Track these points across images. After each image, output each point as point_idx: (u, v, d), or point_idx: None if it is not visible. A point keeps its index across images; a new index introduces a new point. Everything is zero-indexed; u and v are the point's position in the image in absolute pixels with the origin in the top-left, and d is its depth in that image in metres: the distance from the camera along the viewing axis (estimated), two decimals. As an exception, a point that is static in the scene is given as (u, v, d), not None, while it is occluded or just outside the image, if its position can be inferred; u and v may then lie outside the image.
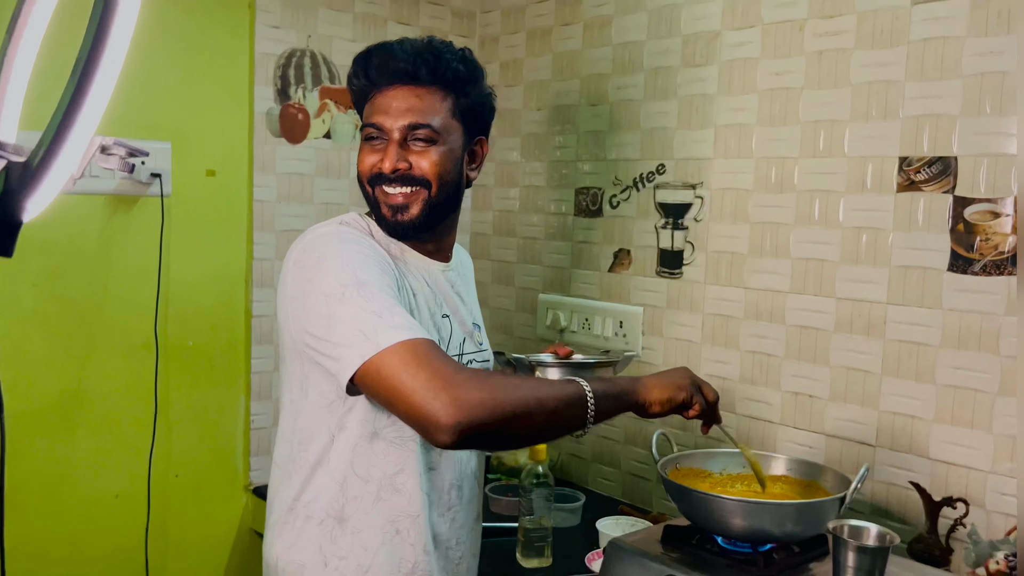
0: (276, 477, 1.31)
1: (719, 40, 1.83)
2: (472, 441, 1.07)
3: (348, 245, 1.20)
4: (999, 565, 1.45)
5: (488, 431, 1.07)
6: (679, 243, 1.92)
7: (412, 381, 1.04)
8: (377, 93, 1.26)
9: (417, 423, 1.06)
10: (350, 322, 1.10)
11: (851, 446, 1.64)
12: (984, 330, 1.46)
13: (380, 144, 1.26)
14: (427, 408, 1.03)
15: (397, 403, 1.07)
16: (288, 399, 1.27)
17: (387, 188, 1.26)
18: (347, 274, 1.14)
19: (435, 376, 1.04)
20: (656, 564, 1.37)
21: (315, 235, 1.23)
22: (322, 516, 1.23)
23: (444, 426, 1.02)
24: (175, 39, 1.89)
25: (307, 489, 1.24)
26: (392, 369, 1.05)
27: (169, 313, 1.92)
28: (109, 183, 1.80)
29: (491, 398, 1.06)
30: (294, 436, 1.25)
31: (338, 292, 1.12)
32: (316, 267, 1.17)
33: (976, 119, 1.46)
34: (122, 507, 1.89)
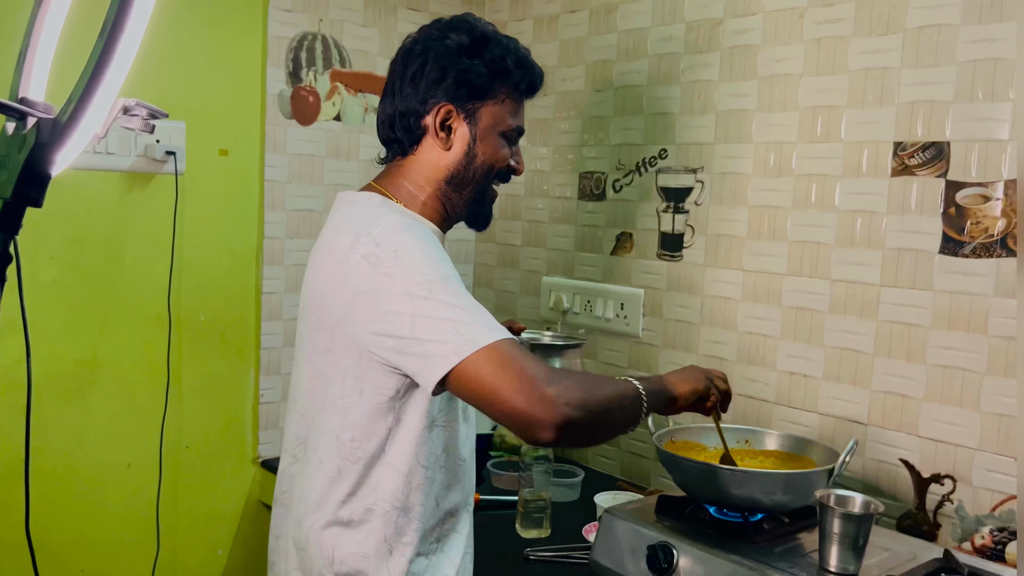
0: (315, 472, 1.24)
1: (721, 27, 1.86)
2: (569, 437, 1.07)
3: (422, 238, 1.17)
4: (984, 540, 1.49)
5: (584, 427, 1.08)
6: (680, 226, 1.96)
7: (514, 381, 1.04)
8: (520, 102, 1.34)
9: (518, 421, 1.06)
10: (441, 319, 1.08)
11: (844, 424, 1.68)
12: (973, 311, 1.49)
13: (514, 147, 1.33)
14: (530, 408, 1.04)
15: (497, 402, 1.06)
16: (337, 394, 1.21)
17: (499, 184, 1.35)
18: (431, 269, 1.12)
19: (535, 375, 1.05)
20: (649, 532, 1.42)
21: (382, 228, 1.17)
22: (386, 508, 1.21)
23: (547, 423, 1.04)
24: (190, 21, 1.93)
25: (365, 484, 1.21)
26: (493, 368, 1.05)
27: (182, 287, 1.97)
28: (125, 160, 1.85)
29: (585, 396, 1.08)
30: (342, 432, 1.21)
31: (424, 290, 1.09)
32: (395, 262, 1.12)
33: (969, 105, 1.49)
34: (134, 476, 1.95)
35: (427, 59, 1.27)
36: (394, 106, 1.30)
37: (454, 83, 1.26)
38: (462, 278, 2.53)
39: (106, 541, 1.93)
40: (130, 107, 0.75)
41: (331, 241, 1.21)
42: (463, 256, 2.51)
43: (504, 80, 1.29)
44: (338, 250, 1.18)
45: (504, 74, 1.28)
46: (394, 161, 1.33)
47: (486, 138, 1.29)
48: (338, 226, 1.23)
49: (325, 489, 1.22)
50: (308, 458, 1.26)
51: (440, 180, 1.29)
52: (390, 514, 1.21)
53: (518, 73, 1.30)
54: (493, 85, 1.28)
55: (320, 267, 1.21)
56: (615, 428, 1.18)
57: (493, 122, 1.29)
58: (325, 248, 1.23)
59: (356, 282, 1.14)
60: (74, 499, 1.88)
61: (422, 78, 1.27)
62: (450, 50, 1.26)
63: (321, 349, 1.22)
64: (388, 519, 1.21)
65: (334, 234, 1.22)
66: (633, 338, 2.06)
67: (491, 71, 1.27)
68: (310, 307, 1.25)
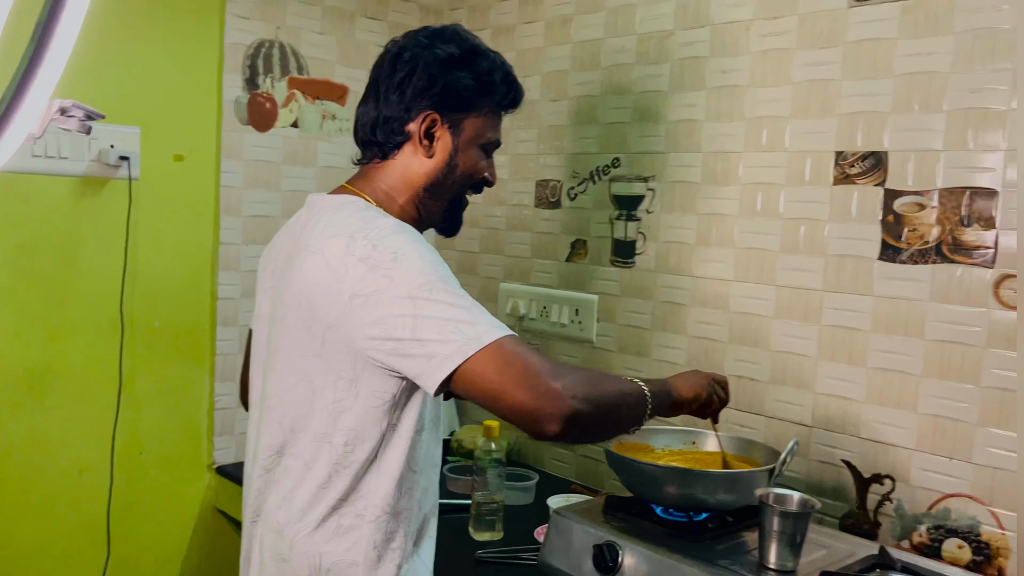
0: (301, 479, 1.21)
1: (672, 39, 1.91)
2: (575, 430, 1.07)
3: (418, 240, 1.17)
4: (922, 537, 1.53)
5: (590, 421, 1.09)
6: (632, 234, 2.00)
7: (520, 376, 1.04)
8: (500, 115, 1.36)
9: (525, 416, 1.06)
10: (443, 319, 1.07)
11: (789, 427, 1.72)
12: (910, 315, 1.54)
13: (489, 158, 1.36)
14: (536, 401, 1.04)
15: (504, 398, 1.05)
16: (328, 398, 1.18)
17: (472, 194, 1.37)
18: (430, 270, 1.11)
19: (540, 370, 1.05)
20: (596, 531, 1.44)
21: (378, 231, 1.16)
22: (377, 513, 1.20)
23: (554, 416, 1.04)
24: (145, 27, 1.94)
25: (357, 489, 1.20)
26: (498, 364, 1.05)
27: (136, 293, 1.97)
28: (78, 165, 1.85)
29: (591, 391, 1.09)
30: (334, 436, 1.18)
31: (424, 291, 1.08)
32: (394, 264, 1.11)
33: (905, 116, 1.54)
34: (87, 483, 1.94)
35: (415, 67, 1.28)
36: (378, 110, 1.30)
37: (441, 93, 1.27)
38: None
39: (57, 548, 1.91)
40: (66, 108, 0.76)
41: (322, 243, 1.17)
42: (421, 263, 2.52)
43: (489, 94, 1.31)
44: (332, 253, 1.15)
45: (490, 88, 1.31)
46: (371, 164, 1.33)
47: (467, 149, 1.31)
48: (327, 228, 1.19)
49: (313, 495, 1.20)
50: (288, 466, 1.23)
51: (419, 186, 1.30)
52: (380, 519, 1.20)
53: (503, 88, 1.32)
54: (479, 98, 1.30)
55: (309, 270, 1.17)
56: (620, 425, 1.20)
57: (475, 134, 1.31)
58: (315, 251, 1.18)
59: (352, 285, 1.12)
60: (25, 506, 1.87)
61: (409, 85, 1.28)
62: (440, 60, 1.28)
63: (308, 354, 1.18)
64: (379, 525, 1.20)
65: (324, 236, 1.18)
66: (587, 343, 2.09)
67: (478, 84, 1.30)
68: (293, 311, 1.20)
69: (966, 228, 1.47)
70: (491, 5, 2.35)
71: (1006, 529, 1.44)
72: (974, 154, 1.46)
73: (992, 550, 1.45)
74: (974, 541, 1.47)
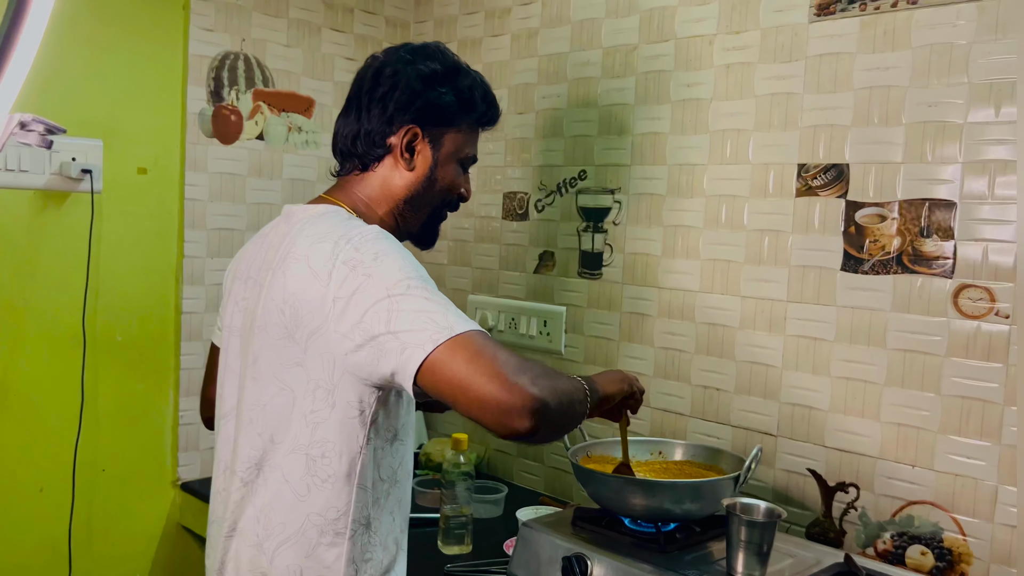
0: (280, 492, 1.20)
1: (636, 52, 1.93)
2: (543, 426, 1.05)
3: (400, 245, 1.19)
4: (886, 544, 1.55)
5: (555, 416, 1.07)
6: (599, 245, 2.01)
7: (487, 368, 1.03)
8: (477, 132, 1.40)
9: (493, 410, 1.03)
10: (416, 311, 1.08)
11: (755, 436, 1.73)
12: (873, 325, 1.57)
13: (465, 174, 1.40)
14: (504, 394, 1.02)
15: (471, 390, 1.03)
16: (306, 409, 1.18)
17: (451, 211, 1.41)
18: (410, 269, 1.13)
19: (507, 362, 1.04)
20: (565, 543, 1.44)
21: (361, 235, 1.17)
22: (354, 527, 1.20)
23: (523, 410, 1.02)
24: (108, 39, 1.92)
25: (335, 502, 1.19)
26: (468, 355, 1.04)
27: (98, 308, 1.94)
28: (39, 178, 1.83)
29: (554, 385, 1.08)
30: (311, 448, 1.18)
31: (402, 286, 1.10)
32: (374, 263, 1.13)
33: (865, 129, 1.57)
34: (47, 501, 1.90)
35: (397, 82, 1.31)
36: (359, 123, 1.32)
37: (423, 108, 1.31)
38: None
39: (16, 568, 1.87)
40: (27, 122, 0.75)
41: (306, 250, 1.18)
42: (389, 276, 2.51)
43: (470, 111, 1.35)
44: (316, 258, 1.16)
45: (471, 105, 1.35)
46: (349, 176, 1.35)
47: (446, 163, 1.35)
48: (312, 235, 1.20)
49: (292, 509, 1.19)
50: (267, 478, 1.22)
51: (399, 199, 1.33)
52: (357, 532, 1.20)
53: (483, 105, 1.37)
54: (459, 114, 1.34)
55: (294, 277, 1.17)
56: (574, 421, 1.18)
57: (454, 148, 1.35)
58: (300, 257, 1.18)
59: (335, 288, 1.13)
60: (-18, 526, 1.83)
61: (391, 99, 1.30)
62: (422, 75, 1.31)
63: (290, 363, 1.18)
64: (355, 538, 1.20)
65: (308, 243, 1.19)
66: (556, 354, 2.10)
67: (459, 100, 1.33)
68: (276, 319, 1.19)
69: (925, 239, 1.50)
70: (457, 19, 2.36)
71: (968, 535, 1.46)
72: (932, 166, 1.49)
73: (954, 556, 1.47)
74: (937, 548, 1.49)
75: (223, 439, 1.31)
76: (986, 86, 1.43)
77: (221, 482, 1.31)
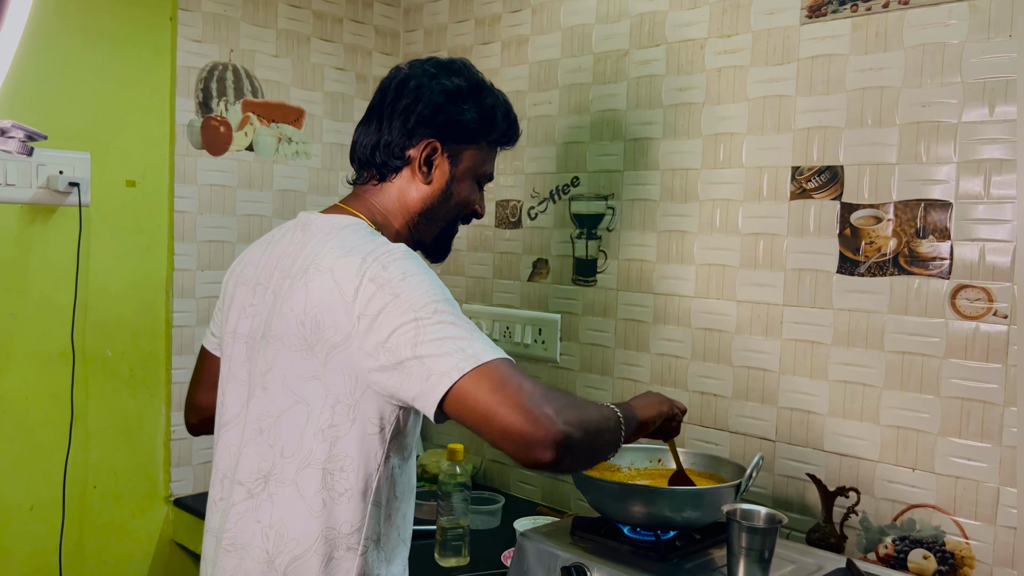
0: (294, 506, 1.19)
1: (627, 58, 1.92)
2: (567, 458, 1.05)
3: (425, 265, 1.17)
4: (888, 549, 1.53)
5: (580, 447, 1.07)
6: (593, 252, 2.00)
7: (512, 398, 1.03)
8: (496, 151, 1.41)
9: (517, 441, 1.03)
10: (444, 339, 1.07)
11: (753, 442, 1.72)
12: (870, 328, 1.55)
13: (481, 191, 1.41)
14: (528, 426, 1.01)
15: (495, 420, 1.03)
16: (324, 423, 1.17)
17: (464, 225, 1.42)
18: (437, 292, 1.12)
19: (532, 393, 1.04)
20: (564, 554, 1.42)
21: (389, 253, 1.16)
22: (367, 544, 1.19)
23: (546, 442, 1.02)
24: (95, 51, 1.90)
25: (349, 517, 1.18)
26: (493, 384, 1.03)
27: (88, 322, 1.92)
28: (26, 192, 1.80)
29: (581, 416, 1.08)
30: (329, 463, 1.17)
31: (429, 309, 1.09)
32: (402, 283, 1.12)
33: (859, 130, 1.56)
34: (37, 519, 1.87)
35: (420, 95, 1.31)
36: (379, 133, 1.32)
37: (445, 123, 1.31)
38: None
39: (7, 589, 1.85)
40: (6, 128, 0.73)
41: (331, 263, 1.16)
42: (382, 286, 2.50)
43: (490, 129, 1.35)
44: (342, 273, 1.14)
45: (492, 124, 1.35)
46: (366, 185, 1.35)
47: (463, 179, 1.35)
48: (338, 248, 1.19)
49: (306, 524, 1.17)
50: (276, 492, 1.20)
51: (415, 211, 1.33)
52: (368, 549, 1.19)
53: (504, 124, 1.37)
54: (480, 132, 1.34)
55: (317, 290, 1.16)
56: (604, 451, 1.18)
57: (472, 165, 1.35)
58: (324, 270, 1.16)
59: (361, 305, 1.11)
60: (-29, 546, 1.80)
61: (414, 112, 1.30)
62: (446, 91, 1.31)
63: (307, 376, 1.17)
64: (367, 555, 1.19)
65: (334, 256, 1.17)
66: (551, 363, 2.08)
67: (481, 118, 1.33)
68: (294, 330, 1.18)
69: (922, 240, 1.49)
70: (447, 27, 2.35)
71: (970, 538, 1.44)
72: (927, 167, 1.48)
73: (957, 559, 1.46)
74: (939, 551, 1.48)
75: (223, 448, 1.28)
76: (979, 85, 1.42)
77: (219, 491, 1.28)
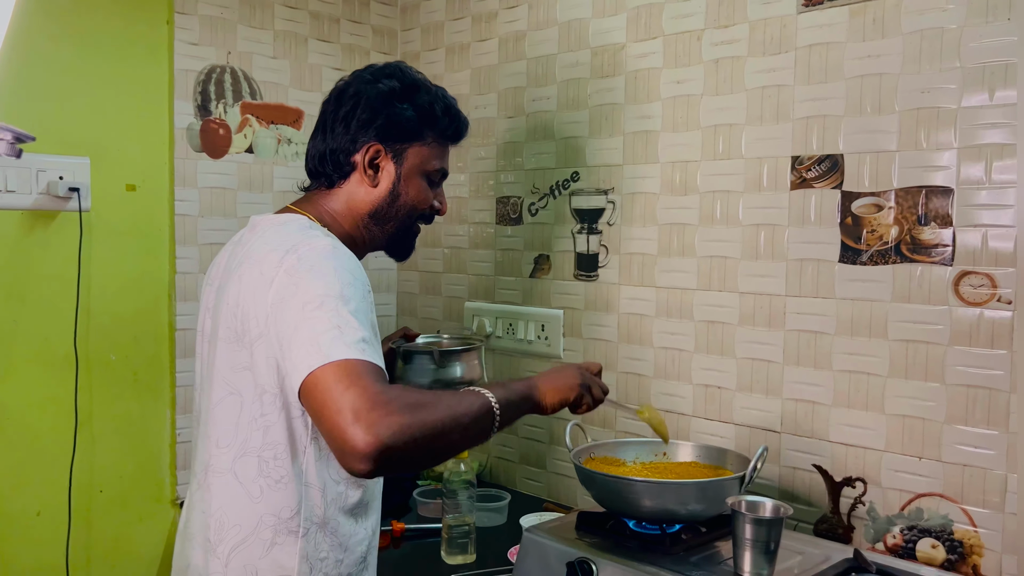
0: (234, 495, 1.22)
1: (624, 51, 1.91)
2: (386, 468, 1.03)
3: (344, 263, 1.19)
4: (896, 539, 1.53)
5: (408, 457, 1.05)
6: (594, 247, 1.99)
7: (339, 399, 1.02)
8: (446, 146, 1.44)
9: (334, 444, 1.03)
10: (311, 334, 1.08)
11: (758, 433, 1.71)
12: (873, 317, 1.54)
13: (437, 188, 1.44)
14: (348, 433, 1.00)
15: (324, 419, 1.04)
16: (255, 412, 1.20)
17: (423, 224, 1.45)
18: (335, 287, 1.13)
19: (361, 396, 1.02)
20: (569, 549, 1.42)
21: (311, 247, 1.19)
22: (308, 526, 1.21)
23: (358, 454, 1.00)
24: (92, 56, 1.90)
25: (287, 502, 1.20)
26: (331, 382, 1.04)
27: (91, 327, 1.92)
28: (26, 198, 1.81)
29: (423, 421, 1.04)
30: (264, 451, 1.20)
31: (315, 303, 1.11)
32: (307, 274, 1.14)
33: (858, 118, 1.55)
34: (44, 524, 1.87)
35: (359, 101, 1.35)
36: (325, 143, 1.37)
37: (384, 124, 1.35)
38: (384, 306, 2.51)
39: (15, 595, 1.85)
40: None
41: (261, 256, 1.21)
42: (385, 285, 2.50)
43: (432, 125, 1.39)
44: (267, 265, 1.19)
45: (432, 119, 1.39)
46: (318, 190, 1.40)
47: (410, 178, 1.38)
48: (269, 242, 1.23)
49: (245, 511, 1.21)
50: (214, 482, 1.24)
51: (363, 214, 1.37)
52: (310, 531, 1.22)
53: (445, 119, 1.40)
54: (421, 129, 1.38)
55: (247, 282, 1.20)
56: (453, 449, 1.16)
57: (419, 162, 1.38)
58: (254, 263, 1.21)
59: (273, 294, 1.16)
60: (-21, 552, 1.80)
61: (354, 118, 1.35)
62: (382, 94, 1.35)
63: (239, 367, 1.21)
64: (308, 537, 1.22)
65: (265, 250, 1.22)
66: (555, 359, 2.08)
67: (419, 115, 1.37)
68: (227, 323, 1.23)
69: (923, 227, 1.48)
70: (444, 25, 2.35)
71: (979, 526, 1.43)
72: (927, 153, 1.47)
73: (965, 548, 1.45)
74: (947, 540, 1.47)
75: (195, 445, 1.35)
76: (979, 69, 1.41)
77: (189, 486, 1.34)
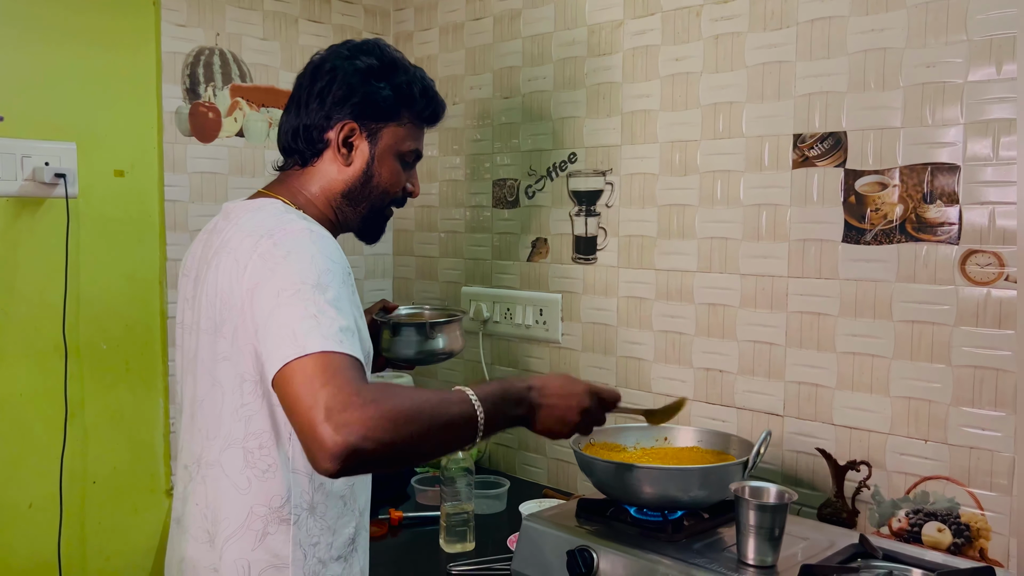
0: (223, 487, 1.20)
1: (622, 29, 1.87)
2: (354, 470, 0.99)
3: (321, 248, 1.14)
4: (901, 523, 1.50)
5: (372, 461, 0.99)
6: (592, 229, 1.95)
7: (313, 395, 0.98)
8: (421, 128, 1.40)
9: (304, 443, 0.99)
10: (285, 323, 1.04)
11: (761, 417, 1.68)
12: (878, 297, 1.51)
13: (410, 170, 1.40)
14: (317, 431, 0.96)
15: (295, 416, 1.00)
16: (237, 403, 1.18)
17: (396, 208, 1.41)
18: (311, 274, 1.09)
19: (335, 395, 0.97)
20: (569, 536, 1.39)
21: (286, 232, 1.15)
22: (298, 513, 1.20)
23: (326, 453, 0.96)
24: (78, 40, 1.86)
25: (275, 491, 1.19)
26: (302, 377, 1.00)
27: (80, 316, 1.88)
28: (11, 185, 1.77)
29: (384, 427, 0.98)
30: (247, 441, 1.18)
31: (291, 290, 1.07)
32: (283, 260, 1.11)
33: (862, 94, 1.52)
34: (36, 516, 1.84)
35: (335, 77, 1.31)
36: (299, 119, 1.33)
37: (360, 103, 1.31)
38: (380, 292, 2.47)
39: (8, 587, 1.82)
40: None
41: (236, 243, 1.18)
42: (380, 271, 2.46)
43: (408, 106, 1.36)
44: (241, 251, 1.16)
45: (408, 100, 1.35)
46: (291, 170, 1.37)
47: (384, 158, 1.35)
48: (243, 229, 1.20)
49: (235, 503, 1.20)
50: (206, 474, 1.23)
51: (336, 193, 1.34)
52: (301, 517, 1.21)
53: (422, 101, 1.37)
54: (397, 109, 1.34)
55: (223, 271, 1.18)
56: (425, 456, 1.12)
57: (393, 142, 1.35)
58: (230, 251, 1.18)
59: (247, 280, 1.13)
60: (-30, 545, 1.77)
61: (329, 95, 1.31)
62: (359, 71, 1.32)
63: (220, 357, 1.19)
64: (300, 523, 1.21)
65: (240, 236, 1.19)
66: (553, 343, 2.05)
67: (396, 95, 1.34)
68: (207, 313, 1.21)
69: (929, 205, 1.45)
70: (437, 3, 2.30)
71: (986, 509, 1.41)
72: (933, 129, 1.44)
73: (972, 531, 1.42)
74: (954, 523, 1.44)
75: (178, 435, 1.34)
76: (986, 43, 1.38)
77: (177, 478, 1.33)
